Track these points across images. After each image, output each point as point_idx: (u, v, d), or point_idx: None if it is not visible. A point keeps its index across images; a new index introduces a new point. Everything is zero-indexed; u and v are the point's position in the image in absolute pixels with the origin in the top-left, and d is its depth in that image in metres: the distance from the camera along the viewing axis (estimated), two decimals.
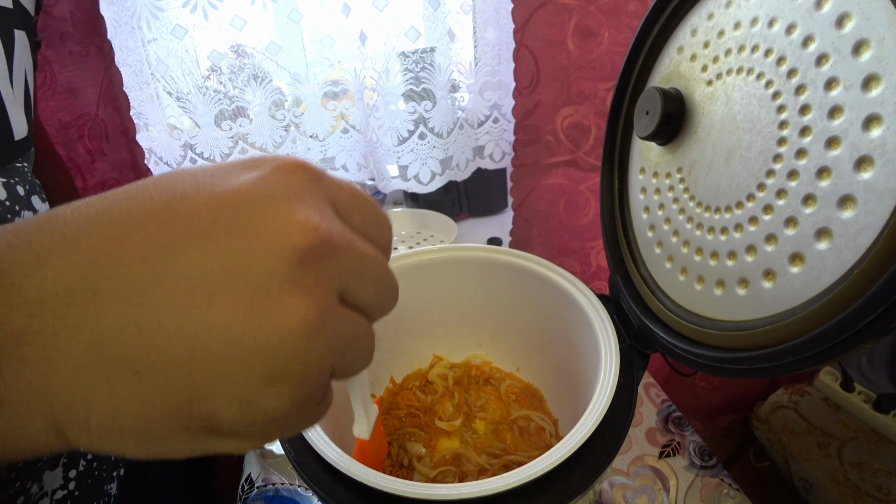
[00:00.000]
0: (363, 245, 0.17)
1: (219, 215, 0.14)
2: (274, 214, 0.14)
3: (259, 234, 0.14)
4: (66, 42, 0.61)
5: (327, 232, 0.15)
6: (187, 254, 0.13)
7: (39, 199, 0.44)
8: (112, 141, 0.67)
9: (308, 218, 0.15)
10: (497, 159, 0.86)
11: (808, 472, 0.74)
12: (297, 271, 0.14)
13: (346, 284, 0.16)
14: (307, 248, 0.14)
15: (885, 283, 0.18)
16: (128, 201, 0.14)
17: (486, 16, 0.72)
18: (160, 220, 0.14)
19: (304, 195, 0.15)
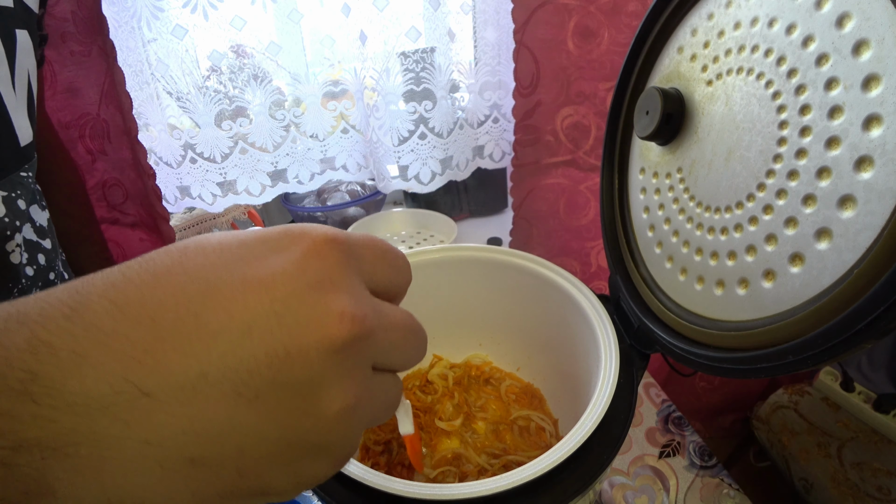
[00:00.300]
0: (392, 316, 0.17)
1: (257, 310, 0.14)
2: (311, 308, 0.15)
3: (298, 331, 0.14)
4: (67, 42, 0.61)
5: (361, 318, 0.15)
6: (229, 353, 0.14)
7: (39, 207, 0.44)
8: (114, 140, 0.67)
9: (344, 309, 0.15)
10: (497, 159, 0.86)
11: (808, 472, 0.74)
12: (336, 363, 0.15)
13: (378, 357, 0.17)
14: (345, 340, 0.15)
15: (885, 283, 0.18)
16: (159, 290, 0.14)
17: (486, 16, 0.72)
18: (198, 316, 0.14)
19: (337, 278, 0.15)
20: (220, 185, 0.78)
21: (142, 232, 0.73)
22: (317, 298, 0.15)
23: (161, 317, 0.13)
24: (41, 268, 0.40)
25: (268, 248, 0.15)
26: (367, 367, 0.16)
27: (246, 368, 0.14)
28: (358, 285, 0.16)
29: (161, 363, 0.13)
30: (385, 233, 0.93)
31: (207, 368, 0.13)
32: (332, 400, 0.15)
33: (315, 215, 0.93)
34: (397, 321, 0.18)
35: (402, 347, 0.18)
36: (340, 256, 0.16)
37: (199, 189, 0.77)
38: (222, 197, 0.79)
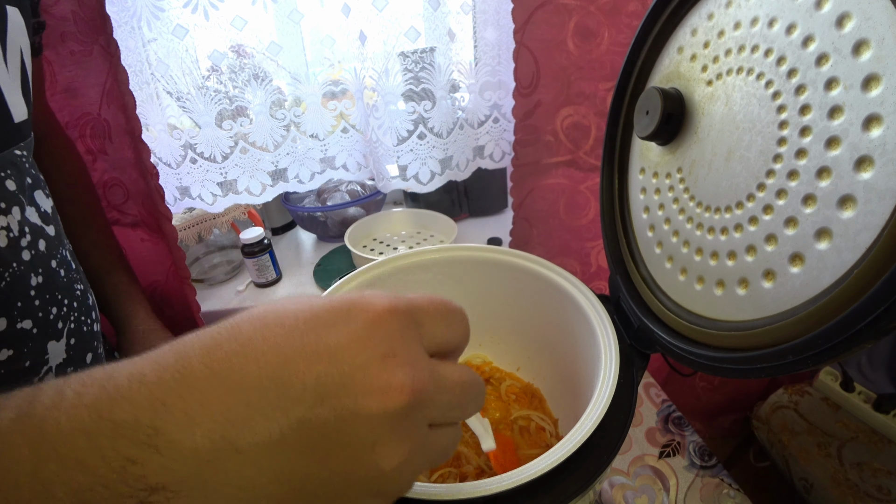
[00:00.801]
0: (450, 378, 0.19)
1: (328, 380, 0.16)
2: (375, 378, 0.17)
3: (363, 399, 0.17)
4: (66, 42, 0.61)
5: (420, 388, 0.17)
6: (304, 418, 0.16)
7: (43, 193, 0.44)
8: (115, 140, 0.67)
9: (404, 381, 0.17)
10: (497, 159, 0.86)
11: (808, 472, 0.74)
12: (394, 426, 0.17)
13: (437, 417, 0.19)
14: (403, 407, 0.17)
15: (885, 283, 0.18)
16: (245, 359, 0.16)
17: (486, 16, 0.72)
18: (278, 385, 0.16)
19: (398, 348, 0.18)
20: (221, 185, 0.78)
21: (143, 232, 0.73)
22: (380, 369, 0.17)
23: (248, 384, 0.16)
24: (40, 254, 0.40)
25: (336, 317, 0.18)
26: (424, 426, 0.19)
27: (319, 432, 0.16)
28: (417, 352, 0.18)
29: (249, 426, 0.16)
30: (385, 233, 0.93)
31: (287, 431, 0.16)
32: (390, 458, 0.17)
33: (315, 215, 0.93)
34: (454, 382, 0.19)
35: (459, 404, 0.20)
36: (401, 325, 0.18)
37: (199, 189, 0.77)
38: (222, 197, 0.79)
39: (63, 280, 0.43)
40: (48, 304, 0.40)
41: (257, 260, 0.81)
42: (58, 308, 0.41)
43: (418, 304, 0.19)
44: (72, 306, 0.43)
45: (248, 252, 0.80)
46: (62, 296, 0.42)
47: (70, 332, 0.42)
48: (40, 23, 0.49)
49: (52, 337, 0.40)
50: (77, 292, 0.45)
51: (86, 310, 0.46)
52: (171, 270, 0.75)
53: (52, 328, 0.40)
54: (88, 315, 0.46)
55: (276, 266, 0.84)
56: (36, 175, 0.43)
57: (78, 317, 0.44)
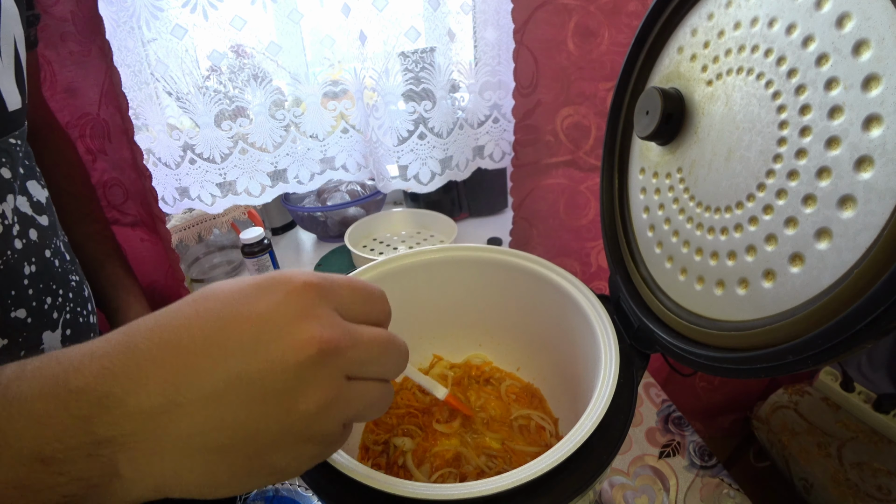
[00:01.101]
0: (364, 336, 0.22)
1: (248, 339, 0.19)
2: (289, 335, 0.20)
3: (281, 352, 0.19)
4: (66, 42, 0.61)
5: (330, 339, 0.20)
6: (232, 370, 0.19)
7: (38, 183, 0.44)
8: (114, 140, 0.67)
9: (313, 333, 0.20)
10: (497, 159, 0.86)
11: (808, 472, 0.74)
12: (309, 373, 0.20)
13: (353, 370, 0.21)
14: (313, 356, 0.20)
15: (885, 283, 0.18)
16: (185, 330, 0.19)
17: (486, 16, 0.72)
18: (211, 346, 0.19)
19: (311, 311, 0.20)
20: (220, 186, 0.78)
21: (142, 231, 0.73)
22: (296, 326, 0.20)
23: (188, 348, 0.19)
24: (33, 243, 0.40)
25: (261, 290, 0.21)
26: (340, 377, 0.21)
27: (248, 381, 0.19)
28: (330, 315, 0.21)
29: (188, 381, 0.19)
30: (385, 233, 0.93)
31: (226, 383, 0.19)
32: (309, 401, 0.20)
33: (315, 215, 0.93)
34: (368, 339, 0.22)
35: (376, 360, 0.22)
36: (315, 295, 0.21)
37: (198, 190, 0.77)
38: (222, 198, 0.78)
39: (58, 270, 0.43)
40: (42, 293, 0.40)
41: (257, 260, 0.81)
42: (53, 298, 0.41)
43: (334, 280, 0.22)
44: (67, 296, 0.43)
45: (248, 252, 0.80)
46: (57, 286, 0.42)
47: (66, 322, 0.43)
48: (35, 15, 0.49)
49: (48, 327, 0.40)
50: (73, 283, 0.45)
51: (82, 301, 0.46)
52: (169, 271, 0.75)
53: (48, 318, 0.40)
54: (84, 306, 0.46)
55: (276, 266, 0.84)
56: (30, 165, 0.43)
57: (74, 307, 0.44)
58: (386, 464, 0.42)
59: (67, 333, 0.43)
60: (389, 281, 0.45)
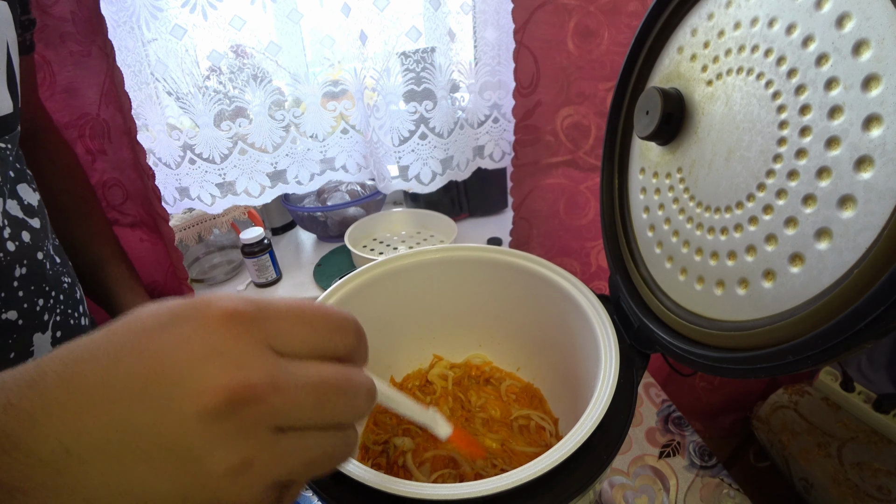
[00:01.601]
0: (298, 377, 0.18)
1: (148, 380, 0.16)
2: (189, 378, 0.16)
3: (179, 400, 0.16)
4: (66, 42, 0.61)
5: (242, 385, 0.17)
6: (125, 419, 0.16)
7: (29, 186, 0.44)
8: (114, 140, 0.67)
9: (221, 378, 0.16)
10: (497, 159, 0.86)
11: (808, 472, 0.74)
12: (217, 428, 0.16)
13: (282, 420, 0.18)
14: (220, 406, 0.16)
15: (885, 283, 0.18)
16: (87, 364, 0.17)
17: (486, 16, 0.72)
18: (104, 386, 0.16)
19: (225, 348, 0.17)
20: (220, 186, 0.78)
21: (142, 232, 0.73)
22: (199, 369, 0.17)
23: (83, 387, 0.16)
24: (25, 245, 0.40)
25: (172, 320, 0.17)
26: (264, 430, 0.17)
27: (138, 433, 0.16)
28: (251, 353, 0.17)
29: (81, 428, 0.16)
30: (385, 233, 0.93)
31: (111, 433, 0.16)
32: (218, 462, 0.16)
33: (315, 215, 0.93)
34: (305, 382, 0.18)
35: (316, 406, 0.18)
36: (236, 327, 0.17)
37: (198, 190, 0.77)
38: (221, 198, 0.78)
39: (49, 273, 0.43)
40: (33, 295, 0.40)
41: (257, 260, 0.81)
42: (44, 300, 0.41)
43: (271, 307, 0.19)
44: (58, 299, 0.43)
45: (248, 252, 0.80)
46: (49, 288, 0.42)
47: (56, 324, 0.43)
48: (31, 20, 0.49)
49: (38, 329, 0.40)
50: (64, 285, 0.45)
51: (73, 303, 0.46)
52: (170, 271, 0.75)
53: (38, 320, 0.41)
54: (76, 309, 0.46)
55: (276, 266, 0.84)
56: (21, 168, 0.43)
57: (64, 310, 0.44)
58: (386, 464, 0.42)
59: (58, 335, 0.43)
60: (389, 281, 0.45)
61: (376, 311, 0.45)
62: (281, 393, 0.17)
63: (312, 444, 0.19)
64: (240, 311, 0.18)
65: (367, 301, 0.44)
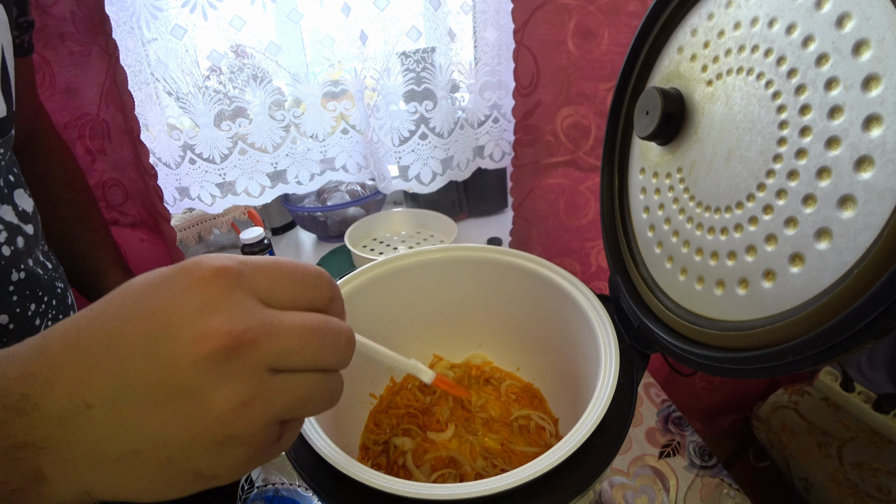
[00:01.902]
0: (286, 323, 0.20)
1: (145, 336, 0.18)
2: (190, 328, 0.18)
3: (180, 348, 0.18)
4: (66, 42, 0.61)
5: (238, 331, 0.18)
6: (131, 371, 0.18)
7: (25, 193, 0.43)
8: (114, 140, 0.66)
9: (217, 325, 0.18)
10: (497, 159, 0.86)
11: (808, 472, 0.74)
12: (216, 370, 0.18)
13: (275, 361, 0.19)
14: (218, 350, 0.18)
15: (885, 283, 0.18)
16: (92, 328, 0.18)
17: (486, 16, 0.72)
18: (112, 346, 0.18)
19: (218, 301, 0.19)
20: (220, 186, 0.78)
21: (142, 232, 0.73)
22: (196, 319, 0.18)
23: (91, 347, 0.18)
24: (19, 251, 0.40)
25: (166, 280, 0.19)
26: (261, 370, 0.19)
27: (146, 382, 0.18)
28: (243, 303, 0.19)
29: (92, 384, 0.18)
30: (385, 233, 0.93)
31: (124, 385, 0.18)
32: (220, 401, 0.18)
33: (315, 215, 0.93)
34: (293, 326, 0.20)
35: (303, 349, 0.20)
36: (226, 281, 0.19)
37: (198, 190, 0.77)
38: (221, 198, 0.78)
39: (43, 278, 0.43)
40: (27, 300, 0.40)
41: None
42: (36, 305, 0.41)
43: (255, 263, 0.21)
44: (50, 304, 0.43)
45: (248, 252, 0.80)
46: (42, 292, 0.42)
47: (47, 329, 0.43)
48: (29, 22, 0.48)
49: (30, 333, 0.40)
50: (58, 290, 0.45)
51: (64, 308, 0.46)
52: None
53: (30, 325, 0.41)
54: (66, 313, 0.46)
55: None
56: (17, 174, 0.43)
57: (55, 315, 0.44)
58: (386, 464, 0.42)
59: None
60: (389, 281, 0.45)
61: (376, 311, 0.45)
62: (273, 337, 0.19)
63: (303, 382, 0.20)
64: (228, 267, 0.19)
65: (367, 301, 0.44)
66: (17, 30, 0.45)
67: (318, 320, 0.21)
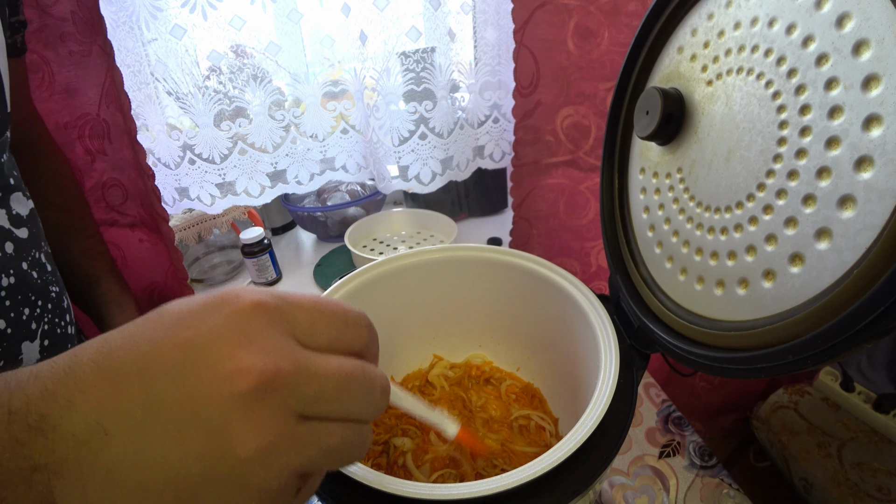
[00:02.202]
0: (322, 366, 0.19)
1: (177, 364, 0.17)
2: (221, 362, 0.17)
3: (212, 381, 0.17)
4: (66, 42, 0.61)
5: (272, 370, 0.18)
6: (158, 397, 0.17)
7: (23, 195, 0.43)
8: (114, 140, 0.66)
9: (251, 362, 0.17)
10: (497, 159, 0.86)
11: (808, 472, 0.74)
12: (244, 409, 0.17)
13: (306, 407, 0.18)
14: (250, 389, 0.17)
15: (885, 283, 0.18)
16: (124, 352, 0.18)
17: (486, 16, 0.72)
18: (142, 371, 0.17)
19: (255, 336, 0.18)
20: (219, 187, 0.78)
21: (141, 232, 0.73)
22: (231, 353, 0.18)
23: (120, 371, 0.17)
24: (9, 256, 0.40)
25: (205, 310, 0.19)
26: (288, 415, 0.18)
27: (171, 411, 0.17)
28: (280, 341, 0.19)
29: (117, 407, 0.17)
30: (385, 233, 0.93)
31: (147, 411, 0.17)
32: (245, 443, 0.17)
33: (315, 215, 0.93)
34: (327, 372, 0.19)
35: (337, 397, 0.19)
36: (264, 317, 0.19)
37: (197, 190, 0.77)
38: (221, 198, 0.78)
39: (37, 282, 0.43)
40: (21, 304, 0.40)
41: (257, 260, 0.81)
42: (31, 309, 0.41)
43: (295, 300, 0.20)
44: (46, 308, 0.43)
45: (248, 252, 0.80)
46: (35, 297, 0.42)
47: (44, 333, 0.42)
48: (21, 21, 0.48)
49: (27, 337, 0.40)
50: (52, 294, 0.45)
51: (60, 312, 0.46)
52: (170, 271, 0.75)
53: (26, 328, 0.40)
54: (62, 317, 0.46)
55: (276, 266, 0.84)
56: (17, 177, 0.43)
57: (52, 318, 0.44)
58: (386, 464, 0.42)
59: (45, 344, 0.42)
60: (389, 281, 0.45)
61: (376, 311, 0.45)
62: (307, 380, 0.18)
63: (333, 433, 0.19)
64: (266, 302, 0.19)
65: (367, 301, 0.44)
66: (9, 30, 0.45)
67: (354, 366, 0.20)
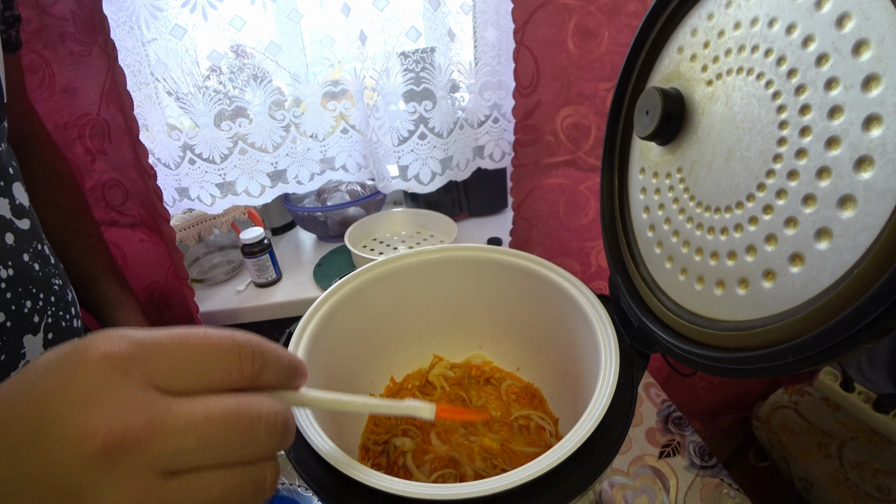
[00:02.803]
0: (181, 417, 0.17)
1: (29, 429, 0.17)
2: (69, 424, 0.16)
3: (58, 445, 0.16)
4: (66, 42, 0.61)
5: (119, 431, 0.16)
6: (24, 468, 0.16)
7: (22, 185, 0.43)
8: (114, 140, 0.66)
9: (95, 424, 0.16)
10: (497, 159, 0.86)
11: (808, 472, 0.74)
12: (98, 473, 0.16)
13: (168, 463, 0.17)
14: (99, 452, 0.16)
15: (885, 283, 0.18)
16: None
17: (486, 16, 0.72)
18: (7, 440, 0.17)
19: (101, 393, 0.17)
20: (220, 187, 0.78)
21: (142, 232, 0.73)
22: (77, 414, 0.16)
23: None
24: (9, 247, 0.40)
25: (59, 366, 0.17)
26: (149, 474, 0.17)
27: (33, 478, 0.16)
28: (128, 396, 0.17)
29: None
30: (385, 233, 0.93)
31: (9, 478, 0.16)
32: None
33: (315, 215, 0.93)
34: (189, 422, 0.17)
35: (203, 447, 0.17)
36: (112, 370, 0.17)
37: (197, 190, 0.77)
38: (221, 198, 0.78)
39: (38, 274, 0.42)
40: (21, 297, 0.40)
41: (257, 260, 0.81)
42: (32, 302, 0.41)
43: (153, 343, 0.18)
44: (49, 300, 0.43)
45: (248, 252, 0.80)
46: (37, 290, 0.42)
47: (48, 326, 0.42)
48: (15, 16, 0.48)
49: (28, 331, 0.40)
50: (55, 287, 0.45)
51: (64, 305, 0.45)
52: (170, 271, 0.75)
53: (28, 322, 0.40)
54: (67, 311, 0.46)
55: (276, 266, 0.84)
56: (16, 167, 0.43)
57: (56, 311, 0.44)
58: (386, 464, 0.42)
59: (49, 337, 0.42)
60: (389, 281, 0.45)
61: (376, 311, 0.45)
62: (162, 436, 0.17)
63: (210, 485, 0.18)
64: (116, 352, 0.17)
65: (367, 301, 0.44)
66: (3, 24, 0.45)
67: (226, 408, 0.18)
